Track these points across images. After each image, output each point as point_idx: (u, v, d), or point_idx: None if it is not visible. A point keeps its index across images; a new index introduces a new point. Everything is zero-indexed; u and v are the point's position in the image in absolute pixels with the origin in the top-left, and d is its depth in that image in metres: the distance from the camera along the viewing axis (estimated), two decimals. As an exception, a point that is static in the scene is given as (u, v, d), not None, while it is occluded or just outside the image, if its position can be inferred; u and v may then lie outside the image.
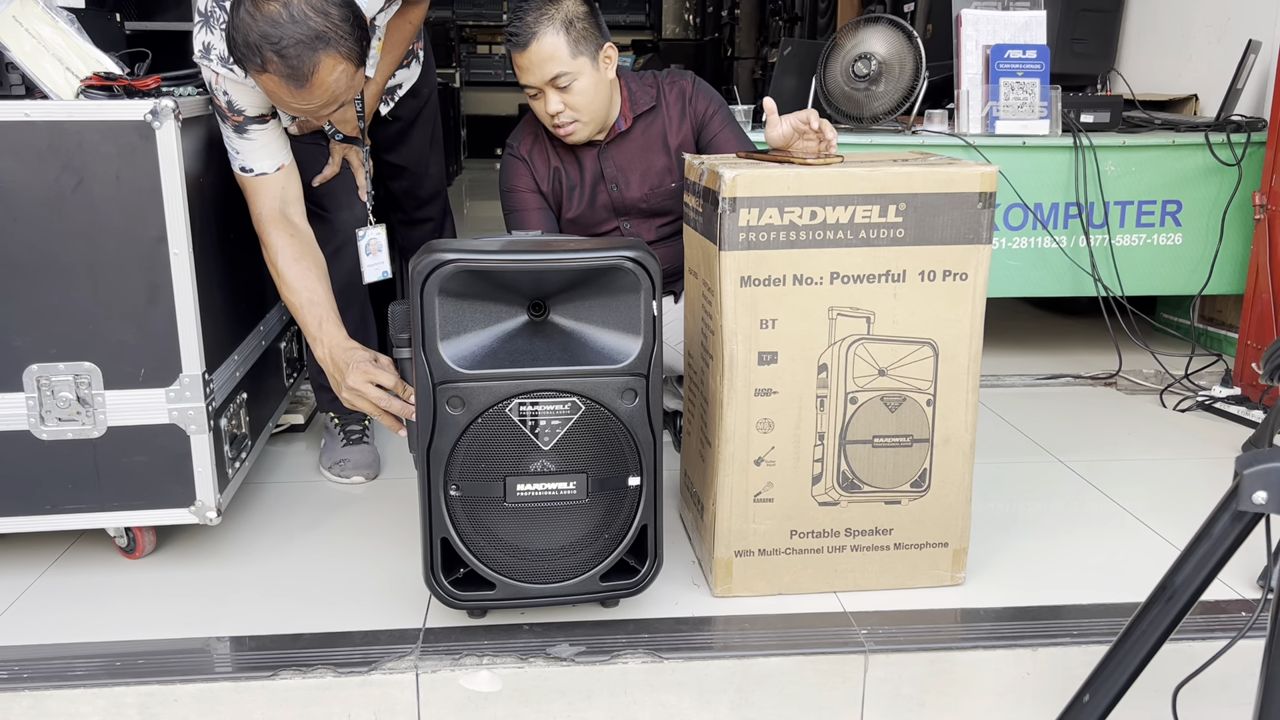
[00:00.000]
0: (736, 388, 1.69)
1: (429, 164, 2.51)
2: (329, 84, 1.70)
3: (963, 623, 1.72)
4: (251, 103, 1.87)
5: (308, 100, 1.72)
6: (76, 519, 1.78)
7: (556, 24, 2.01)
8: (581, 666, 1.60)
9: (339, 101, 1.77)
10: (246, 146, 1.90)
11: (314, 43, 1.65)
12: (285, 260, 1.89)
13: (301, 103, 1.73)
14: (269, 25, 1.64)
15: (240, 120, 1.87)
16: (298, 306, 1.89)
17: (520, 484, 1.59)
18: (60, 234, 1.66)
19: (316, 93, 1.70)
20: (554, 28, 2.01)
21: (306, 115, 1.80)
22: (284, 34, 1.63)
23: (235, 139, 1.89)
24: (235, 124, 1.88)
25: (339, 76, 1.71)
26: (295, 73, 1.66)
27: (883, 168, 1.65)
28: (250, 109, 1.87)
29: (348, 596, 1.79)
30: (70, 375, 1.72)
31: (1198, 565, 1.08)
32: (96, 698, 1.53)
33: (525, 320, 1.61)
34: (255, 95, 1.86)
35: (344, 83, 1.73)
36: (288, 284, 1.89)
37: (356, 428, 2.35)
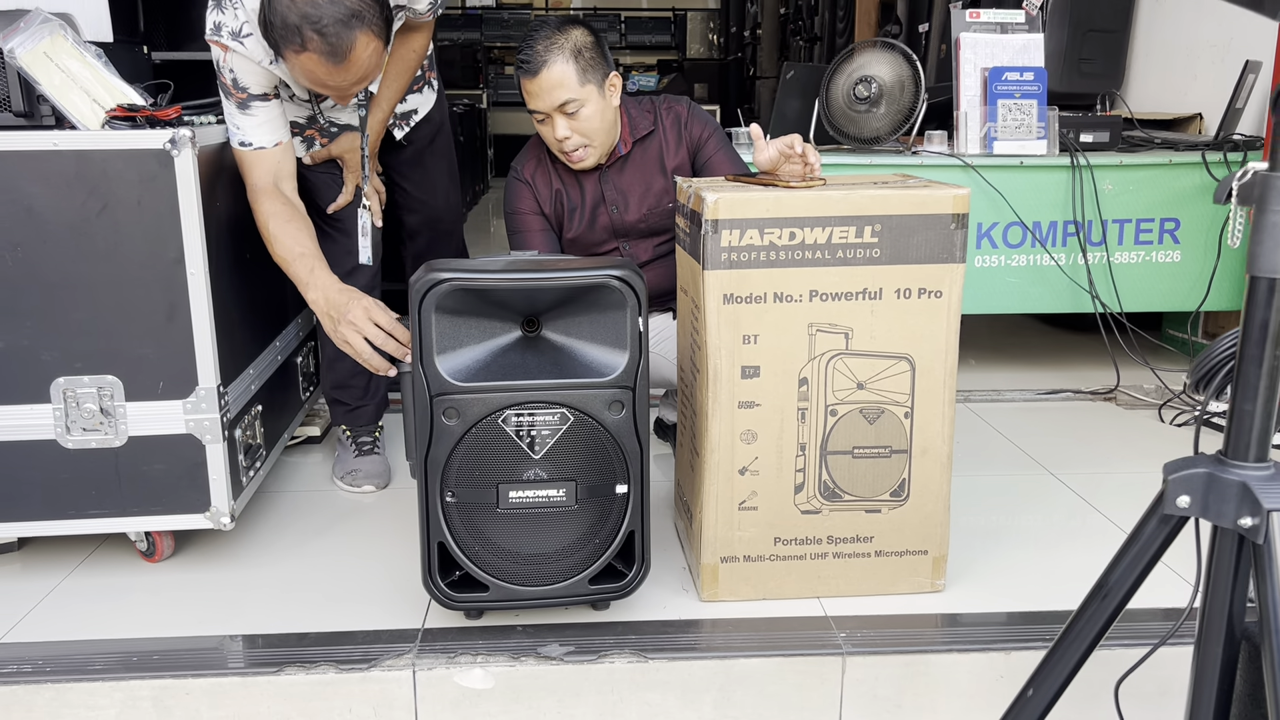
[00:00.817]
0: (721, 400, 1.77)
1: (448, 195, 2.60)
2: (363, 60, 1.83)
3: (939, 627, 1.78)
4: (256, 81, 1.98)
5: (344, 77, 1.84)
6: (99, 524, 1.88)
7: (566, 53, 2.10)
8: (571, 665, 1.68)
9: (369, 79, 1.90)
10: (248, 122, 2.00)
11: (350, 21, 1.78)
12: (276, 223, 1.97)
13: (338, 79, 1.85)
14: (308, 6, 1.76)
15: (244, 97, 1.99)
16: (289, 260, 1.96)
17: (513, 491, 1.68)
18: (86, 255, 1.78)
19: (353, 69, 1.83)
20: (563, 56, 2.10)
21: (338, 92, 1.91)
22: (323, 14, 1.76)
23: (237, 114, 2.00)
24: (239, 100, 1.99)
25: (371, 53, 1.84)
26: (334, 49, 1.79)
27: (859, 190, 1.72)
28: (254, 87, 1.99)
29: (352, 598, 1.88)
30: (94, 388, 1.83)
31: (1129, 566, 1.14)
32: (114, 691, 1.63)
33: (519, 335, 1.70)
34: (260, 73, 1.98)
35: (375, 59, 1.86)
36: (279, 241, 1.97)
37: (368, 440, 2.46)
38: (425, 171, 2.53)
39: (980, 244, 3.04)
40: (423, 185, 2.54)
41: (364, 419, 2.47)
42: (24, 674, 1.63)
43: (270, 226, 1.97)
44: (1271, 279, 1.02)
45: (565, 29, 2.14)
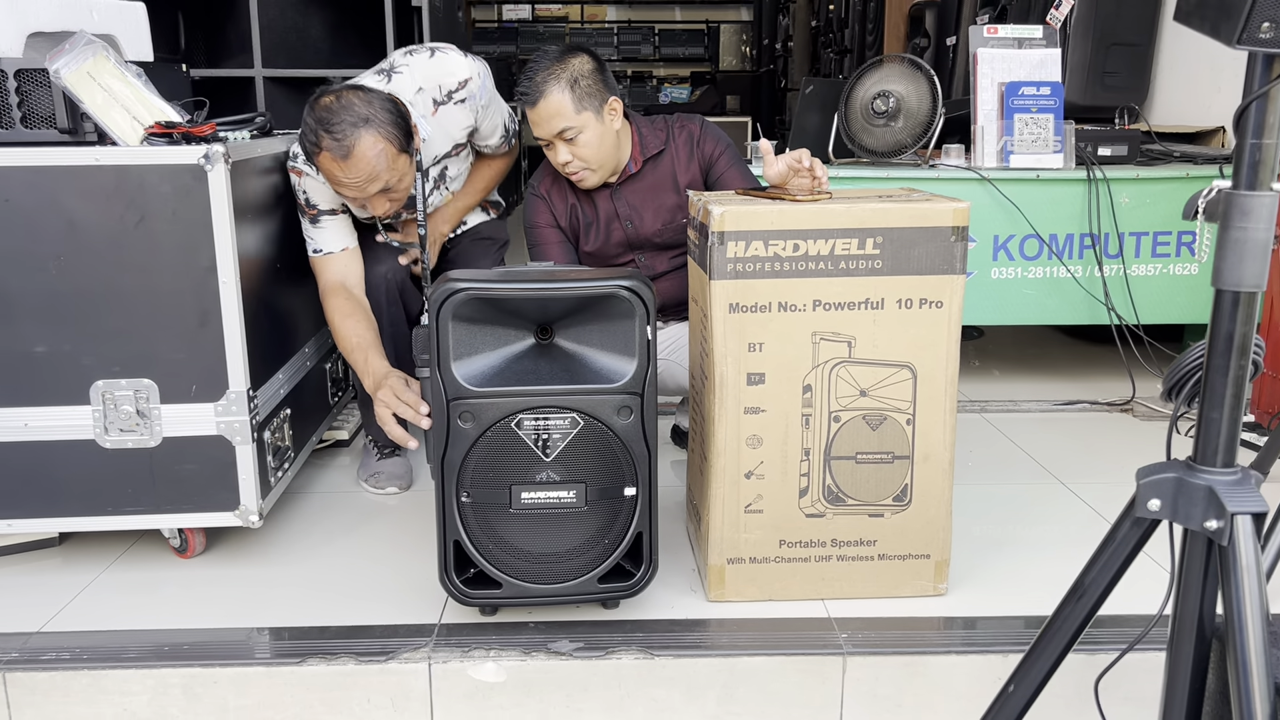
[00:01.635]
0: (727, 406, 1.83)
1: None
2: (369, 158, 2.06)
3: (939, 629, 1.83)
4: (323, 198, 2.26)
5: (353, 173, 2.06)
6: (134, 520, 1.98)
7: (563, 82, 2.18)
8: (579, 661, 1.74)
9: (381, 180, 2.10)
10: (319, 235, 2.29)
11: (357, 122, 2.05)
12: (339, 317, 2.24)
13: (349, 176, 2.07)
14: (323, 112, 2.06)
15: (315, 213, 2.28)
16: (349, 350, 2.21)
17: (525, 492, 1.75)
18: (124, 265, 1.87)
19: (359, 166, 2.06)
20: (560, 86, 2.18)
21: (357, 193, 2.11)
22: (333, 118, 2.04)
23: (310, 229, 2.29)
24: (311, 216, 2.28)
25: (379, 154, 2.07)
26: (340, 145, 2.04)
27: (861, 204, 1.78)
28: (322, 204, 2.27)
29: (372, 594, 1.96)
30: (131, 390, 1.92)
31: (1104, 567, 1.19)
32: (146, 678, 1.72)
33: (532, 343, 1.77)
34: (326, 191, 2.24)
35: (384, 161, 2.08)
36: (342, 336, 2.23)
37: (389, 444, 2.54)
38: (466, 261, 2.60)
39: (997, 256, 3.08)
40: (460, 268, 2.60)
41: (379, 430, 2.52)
42: (62, 661, 1.73)
43: (335, 320, 2.25)
44: (1235, 291, 1.06)
45: (565, 59, 2.21)
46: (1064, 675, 1.41)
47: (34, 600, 1.94)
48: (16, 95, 1.90)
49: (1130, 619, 1.76)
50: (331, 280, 2.29)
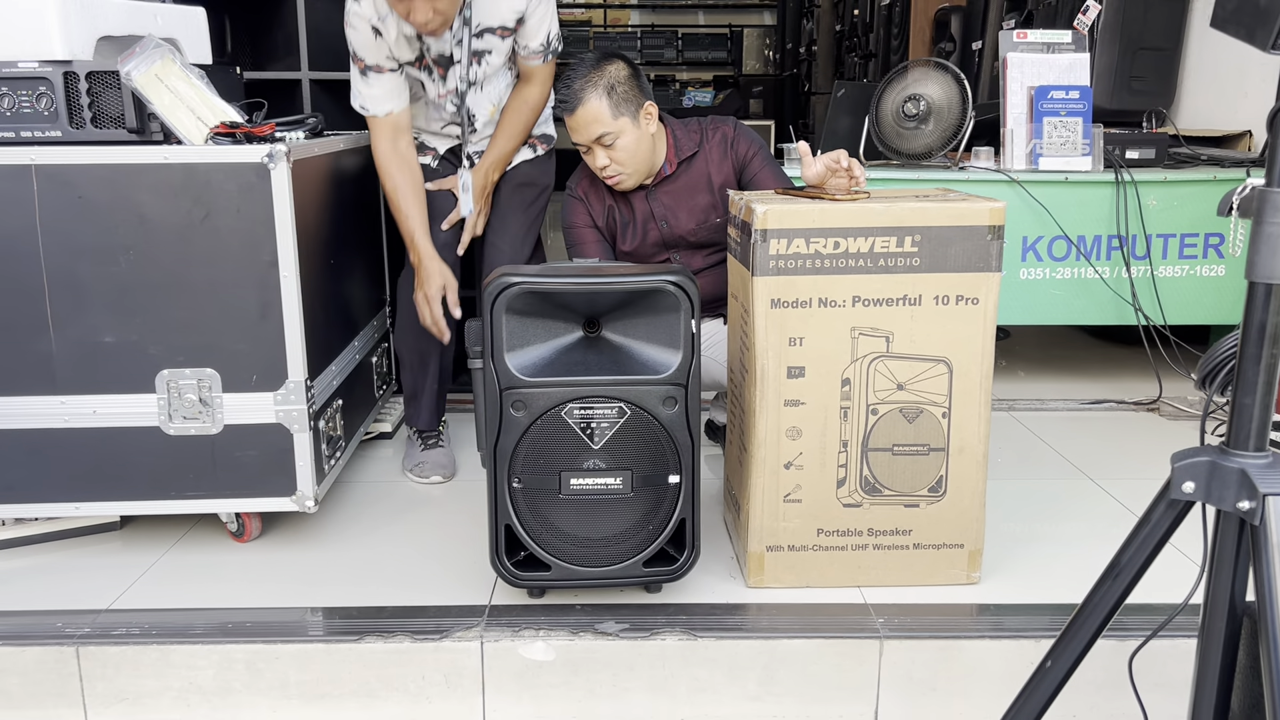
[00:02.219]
0: (768, 398, 1.89)
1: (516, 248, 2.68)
2: None
3: (973, 616, 1.89)
4: (368, 53, 2.35)
5: None
6: (196, 504, 2.06)
7: (600, 89, 2.25)
8: (625, 641, 1.81)
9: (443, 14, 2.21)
10: (366, 90, 2.40)
11: None
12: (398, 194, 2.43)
13: None
14: None
15: (362, 66, 2.37)
16: (402, 221, 2.44)
17: (574, 479, 1.82)
18: (189, 259, 1.96)
19: None
20: (597, 93, 2.26)
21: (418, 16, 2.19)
22: None
23: (358, 79, 2.40)
24: (360, 68, 2.38)
25: None
26: None
27: (900, 203, 1.84)
28: (368, 58, 2.36)
29: (423, 577, 2.03)
30: (195, 380, 2.00)
31: (1140, 547, 1.25)
32: (212, 653, 1.80)
33: (580, 335, 1.84)
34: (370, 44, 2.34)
35: None
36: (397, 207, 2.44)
37: (432, 435, 2.64)
38: (502, 215, 2.64)
39: (1025, 257, 3.13)
40: (496, 227, 2.65)
41: (423, 422, 2.65)
42: (132, 636, 1.81)
43: (393, 197, 2.44)
44: (1268, 284, 1.12)
45: (600, 66, 2.29)
46: (1096, 659, 1.48)
47: (100, 580, 2.02)
48: (88, 96, 1.99)
49: (1159, 607, 1.81)
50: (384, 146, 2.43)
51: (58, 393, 1.99)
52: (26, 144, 1.95)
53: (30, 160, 1.91)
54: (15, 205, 1.92)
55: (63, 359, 1.98)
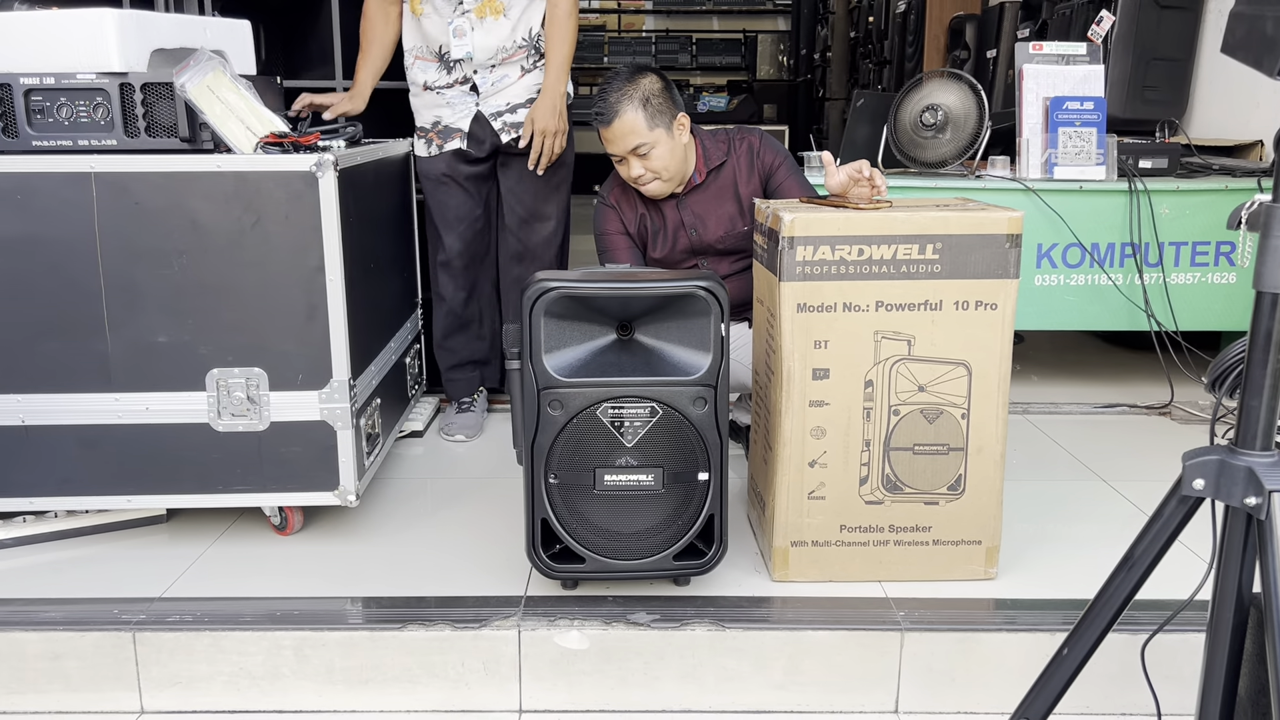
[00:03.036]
0: (794, 399, 1.97)
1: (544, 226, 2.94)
2: None
3: (991, 609, 1.96)
4: None
5: None
6: (242, 498, 2.15)
7: (635, 102, 2.34)
8: (656, 631, 1.89)
9: None
10: None
11: None
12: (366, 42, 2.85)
13: None
14: None
15: None
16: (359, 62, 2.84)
17: (607, 475, 1.90)
18: (240, 263, 2.04)
19: None
20: (633, 105, 2.34)
21: None
22: None
23: None
24: None
25: None
26: None
27: (922, 212, 1.92)
28: None
29: (461, 568, 2.12)
30: (243, 378, 2.09)
31: (1152, 541, 1.32)
32: (261, 639, 1.88)
33: (614, 338, 1.93)
34: None
35: None
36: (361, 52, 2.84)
37: (466, 400, 3.03)
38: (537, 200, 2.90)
39: (1040, 264, 3.20)
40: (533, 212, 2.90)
41: (461, 391, 3.04)
42: (185, 623, 1.89)
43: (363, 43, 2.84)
44: (1274, 294, 1.19)
45: (635, 79, 2.37)
46: (1109, 652, 1.55)
47: (151, 570, 2.11)
48: (143, 106, 2.08)
49: (1169, 603, 1.88)
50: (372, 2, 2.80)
51: (112, 390, 2.08)
52: (85, 152, 2.04)
53: (90, 168, 2.00)
54: (75, 210, 2.01)
55: (118, 358, 2.07)
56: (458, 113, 2.80)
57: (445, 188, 2.84)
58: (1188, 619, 1.87)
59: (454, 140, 2.80)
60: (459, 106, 2.80)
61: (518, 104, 2.80)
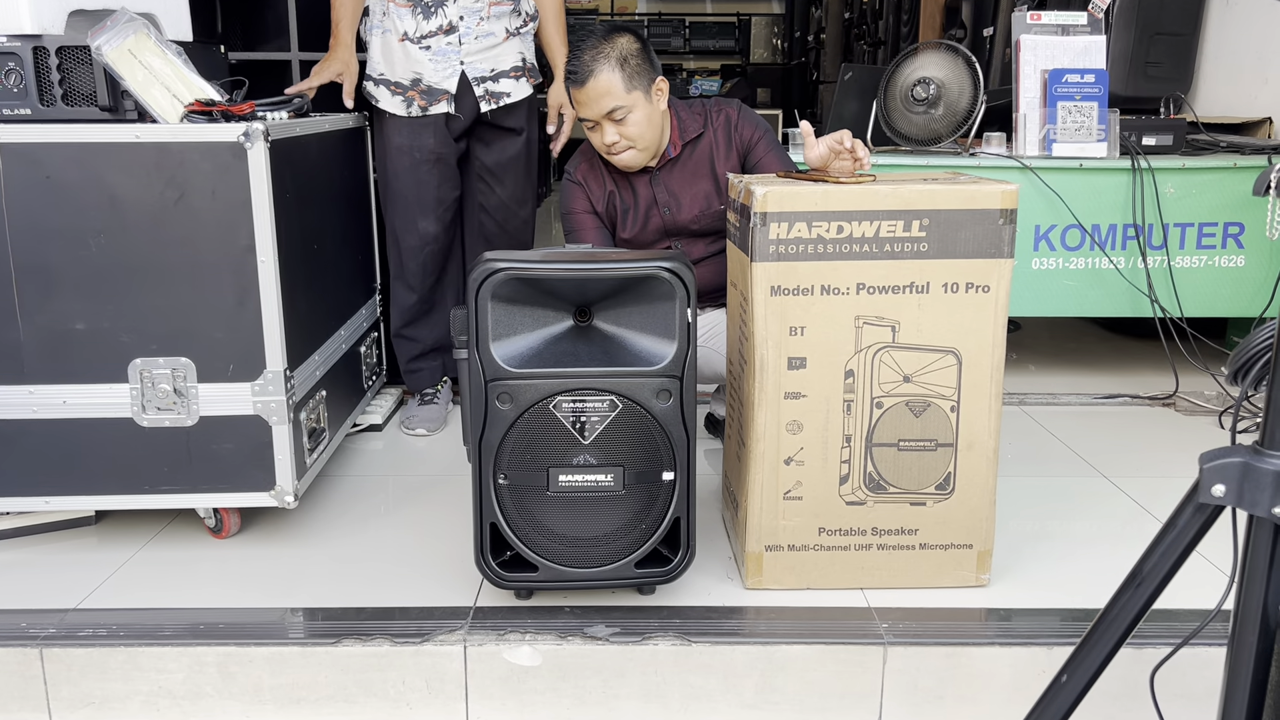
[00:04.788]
0: (767, 390, 1.80)
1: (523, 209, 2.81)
2: None
3: (982, 621, 1.80)
4: None
5: None
6: (170, 499, 1.98)
7: (612, 61, 2.16)
8: (616, 646, 1.72)
9: None
10: None
11: None
12: None
13: None
14: None
15: None
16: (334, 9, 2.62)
17: (562, 475, 1.73)
18: (163, 242, 1.87)
19: None
20: (609, 65, 2.16)
21: None
22: None
23: None
24: None
25: None
26: None
27: (907, 185, 1.75)
28: None
29: (407, 576, 1.95)
30: (169, 369, 1.92)
31: (1164, 554, 1.15)
32: (182, 655, 1.72)
33: (571, 324, 1.75)
34: None
35: None
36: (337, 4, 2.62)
37: (430, 391, 2.84)
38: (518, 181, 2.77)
39: (1038, 246, 3.03)
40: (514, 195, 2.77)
41: (424, 381, 2.85)
42: (99, 637, 1.73)
43: None
44: (1309, 269, 1.03)
45: (611, 38, 2.19)
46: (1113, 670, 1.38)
47: (70, 577, 1.94)
48: (58, 72, 1.90)
49: (1181, 613, 1.72)
50: None
51: (26, 382, 1.91)
52: (-7, 122, 1.87)
53: (-5, 138, 1.83)
54: (-21, 185, 1.83)
55: (31, 347, 1.90)
56: (441, 71, 2.57)
57: (428, 166, 2.61)
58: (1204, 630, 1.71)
59: (440, 103, 2.57)
60: (442, 64, 2.56)
61: (502, 72, 2.62)
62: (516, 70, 2.65)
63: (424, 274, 2.70)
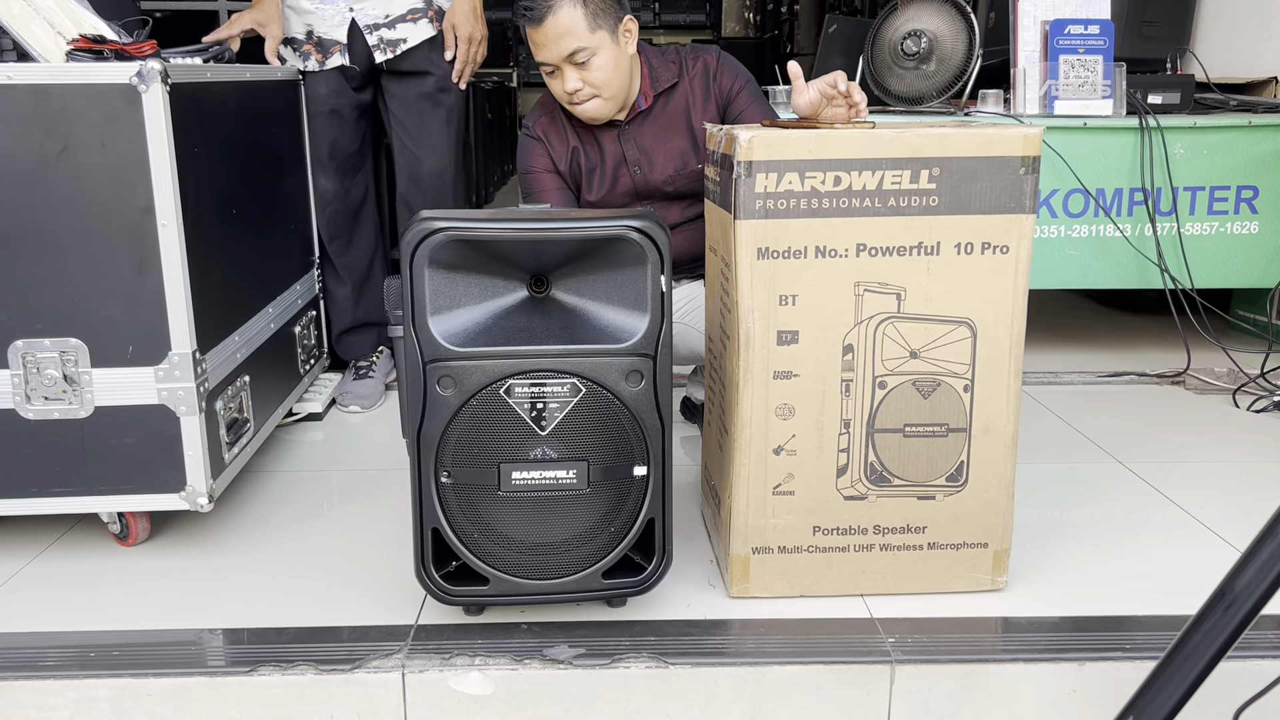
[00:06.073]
0: (754, 370, 1.56)
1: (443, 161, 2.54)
2: None
3: (1002, 632, 1.57)
4: None
5: None
6: (63, 503, 1.71)
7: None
8: (580, 670, 1.47)
9: None
10: None
11: None
12: None
13: None
14: None
15: None
16: None
17: (516, 472, 1.48)
18: (44, 203, 1.59)
19: None
20: (570, 1, 1.89)
21: None
22: None
23: None
24: None
25: None
26: None
27: (915, 130, 1.50)
28: None
29: (341, 590, 1.69)
30: (56, 352, 1.65)
31: (1262, 569, 0.92)
32: (67, 690, 1.45)
33: (525, 296, 1.50)
34: None
35: None
36: None
37: (364, 364, 2.64)
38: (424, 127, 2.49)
39: (1038, 213, 2.80)
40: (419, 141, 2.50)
41: (356, 351, 2.65)
42: (-33, 670, 1.46)
43: None
44: None
45: None
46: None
47: (-54, 596, 1.67)
48: (-82, 5, 1.62)
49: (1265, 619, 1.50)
50: None
51: (-114, 369, 1.63)
52: None
53: None
54: None
55: (-111, 328, 1.62)
56: (330, 20, 2.39)
57: (321, 119, 2.46)
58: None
59: (334, 55, 2.38)
60: (330, 12, 2.39)
61: (397, 17, 2.38)
62: (414, 13, 2.43)
63: (329, 236, 2.54)
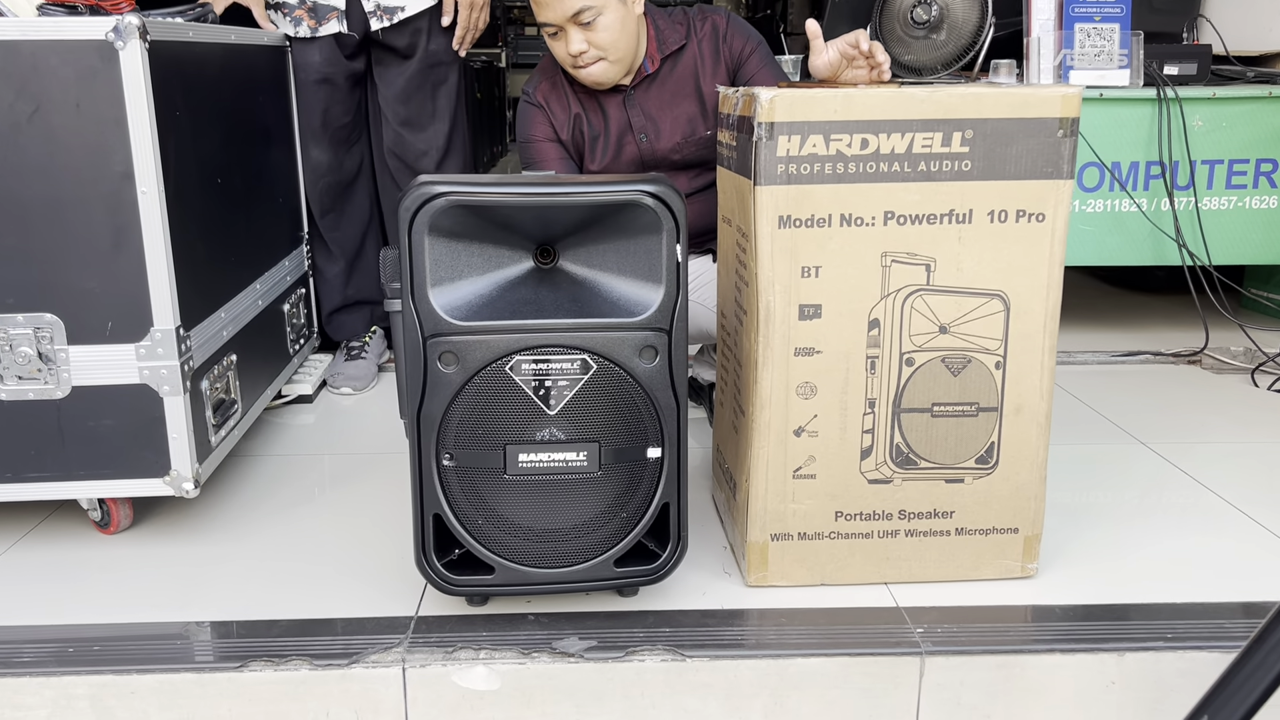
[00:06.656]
0: (773, 346, 1.47)
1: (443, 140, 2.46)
2: None
3: (1035, 621, 1.49)
4: None
5: None
6: (40, 488, 1.61)
7: None
8: (592, 664, 1.39)
9: None
10: None
11: None
12: None
13: None
14: None
15: None
16: None
17: (523, 454, 1.39)
18: (15, 169, 1.49)
19: None
20: None
21: None
22: None
23: None
24: None
25: None
26: None
27: (947, 89, 1.41)
28: None
29: (336, 579, 1.60)
30: (30, 328, 1.54)
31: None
32: (44, 688, 1.36)
33: (531, 266, 1.41)
34: None
35: None
36: None
37: (356, 344, 2.54)
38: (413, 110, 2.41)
39: (1053, 186, 2.72)
40: (408, 121, 2.42)
41: (347, 330, 2.56)
42: (-63, 667, 1.36)
43: None
44: None
45: None
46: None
47: (-85, 588, 1.57)
48: (-122, -44, 1.51)
49: None
50: None
51: None
52: None
53: None
54: None
55: None
56: None
57: (313, 87, 2.35)
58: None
59: (330, 21, 2.27)
60: None
61: None
62: None
63: (320, 210, 2.45)
